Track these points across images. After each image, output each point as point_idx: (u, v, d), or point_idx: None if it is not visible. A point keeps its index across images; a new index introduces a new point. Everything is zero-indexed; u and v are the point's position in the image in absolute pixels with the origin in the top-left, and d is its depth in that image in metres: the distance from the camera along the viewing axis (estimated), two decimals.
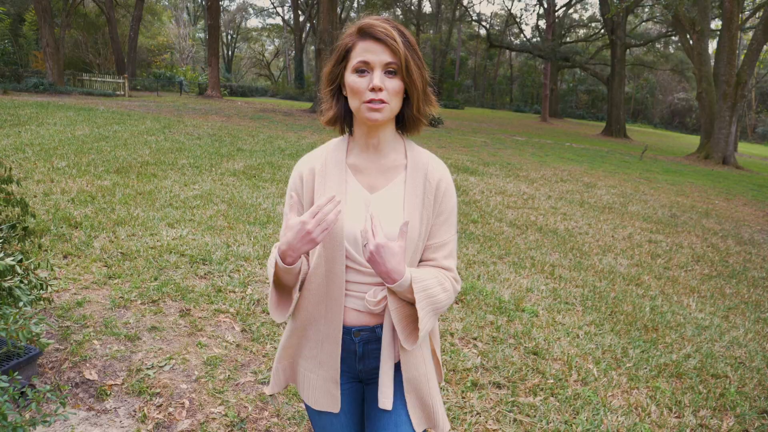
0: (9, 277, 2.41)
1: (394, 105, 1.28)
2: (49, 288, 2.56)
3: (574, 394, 3.13)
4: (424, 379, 1.39)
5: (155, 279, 3.94)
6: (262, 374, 2.90)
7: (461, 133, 20.89)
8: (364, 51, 1.25)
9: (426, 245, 1.36)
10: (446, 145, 16.03)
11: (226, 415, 2.52)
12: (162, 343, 3.09)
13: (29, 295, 2.37)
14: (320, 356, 1.37)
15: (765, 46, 38.02)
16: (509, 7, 56.35)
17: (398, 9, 49.21)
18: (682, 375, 3.57)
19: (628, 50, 39.56)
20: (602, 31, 40.55)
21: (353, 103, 1.29)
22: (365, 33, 1.26)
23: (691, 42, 23.82)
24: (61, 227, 4.83)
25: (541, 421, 2.83)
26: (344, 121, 1.38)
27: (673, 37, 39.04)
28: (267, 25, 67.96)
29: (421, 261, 1.37)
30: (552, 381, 3.26)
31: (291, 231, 1.19)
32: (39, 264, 2.58)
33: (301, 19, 47.67)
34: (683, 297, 5.15)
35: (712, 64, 23.86)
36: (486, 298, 4.41)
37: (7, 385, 1.70)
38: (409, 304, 1.30)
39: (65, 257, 4.24)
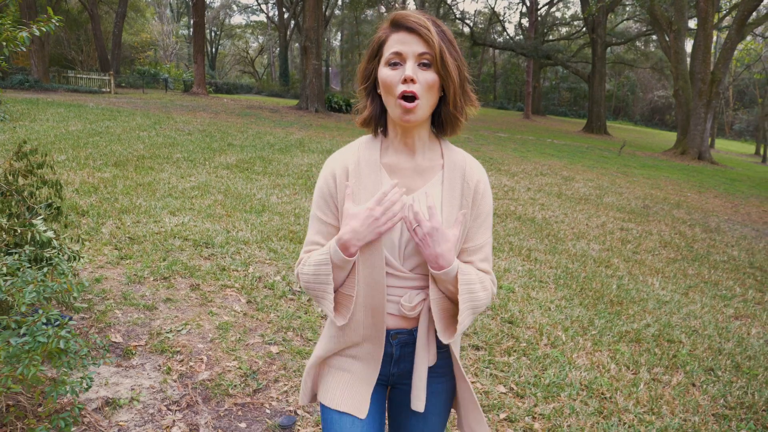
0: (48, 249, 2.76)
1: (428, 101, 1.22)
2: (80, 260, 2.90)
3: (544, 355, 3.55)
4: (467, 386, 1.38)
5: (164, 260, 4.29)
6: (268, 337, 3.28)
7: None
8: (397, 42, 1.20)
9: (462, 248, 1.33)
10: None
11: (239, 368, 2.90)
12: (177, 311, 3.46)
13: (67, 264, 2.72)
14: (360, 354, 1.33)
15: (740, 45, 38.98)
16: (493, 6, 56.94)
17: (383, 6, 49.51)
18: (641, 340, 4.01)
19: (608, 48, 40.33)
20: (584, 29, 41.25)
21: (387, 100, 1.23)
22: (398, 24, 1.22)
23: (668, 40, 24.49)
24: (70, 215, 5.14)
25: (514, 375, 3.24)
26: (379, 121, 1.32)
27: (652, 36, 39.84)
28: (251, 22, 67.86)
29: None
30: (524, 344, 3.67)
31: (356, 219, 1.17)
32: (71, 239, 2.93)
33: (286, 16, 47.81)
34: (648, 277, 5.61)
35: (689, 62, 24.57)
36: None
37: (70, 337, 2.05)
38: (448, 298, 1.28)
39: (77, 241, 4.56)
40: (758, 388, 3.52)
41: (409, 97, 1.19)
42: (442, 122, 1.31)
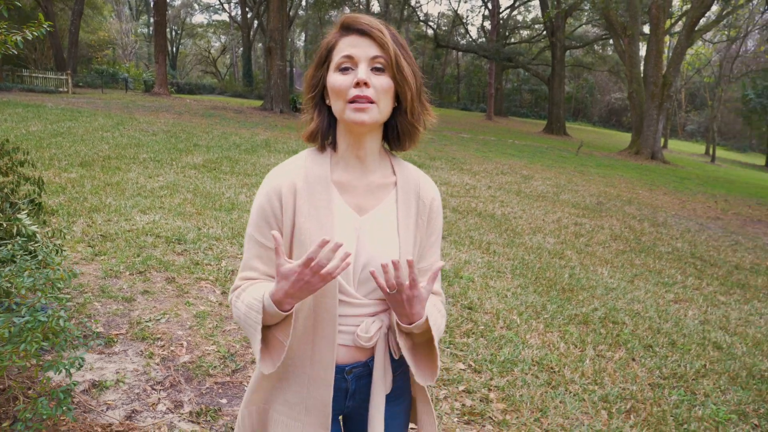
0: (32, 243, 2.91)
1: (383, 106, 1.13)
2: (63, 253, 3.06)
3: (500, 336, 3.86)
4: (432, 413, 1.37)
5: (138, 255, 4.44)
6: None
7: None
8: (348, 46, 1.12)
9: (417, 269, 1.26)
10: None
11: (218, 351, 3.10)
12: (155, 302, 3.63)
13: (52, 258, 2.87)
14: (307, 401, 1.20)
15: (691, 50, 40.55)
16: (456, 8, 57.73)
17: (347, 8, 49.68)
18: (588, 322, 4.36)
19: (568, 52, 41.47)
20: (544, 32, 42.30)
21: (336, 106, 1.14)
22: (348, 27, 1.14)
23: (623, 45, 25.42)
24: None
25: (472, 354, 3.53)
26: (327, 134, 1.22)
27: (609, 40, 41.13)
28: (213, 21, 67.07)
29: None
30: (482, 327, 3.97)
31: (286, 281, 1.02)
32: (53, 233, 3.08)
33: (249, 15, 47.52)
34: (598, 267, 6.00)
35: (642, 66, 25.58)
36: None
37: (72, 326, 2.23)
38: (406, 334, 1.20)
39: (60, 236, 4.66)
40: (690, 360, 3.90)
41: (362, 102, 1.10)
42: (396, 135, 1.22)
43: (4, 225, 2.73)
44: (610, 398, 3.23)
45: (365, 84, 1.08)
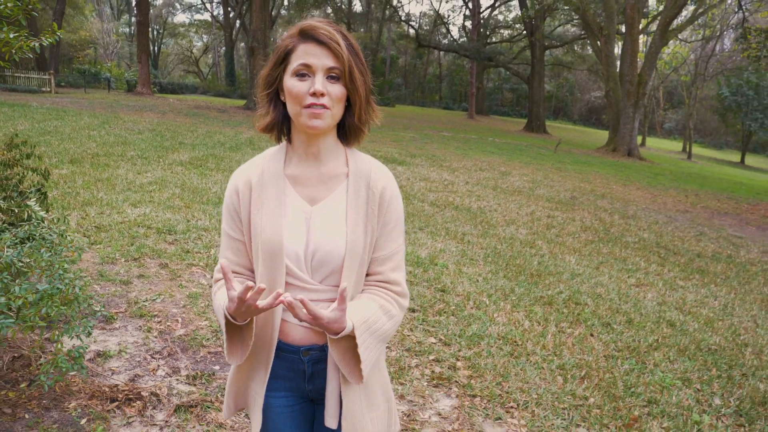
0: (40, 227, 3.18)
1: (336, 111, 1.23)
2: (68, 238, 3.33)
3: (470, 315, 4.20)
4: (365, 399, 1.36)
5: (131, 245, 4.71)
6: None
7: (391, 129, 22.01)
8: (306, 54, 1.19)
9: (372, 257, 1.32)
10: (377, 140, 17.06)
11: (210, 326, 3.40)
12: (150, 285, 3.92)
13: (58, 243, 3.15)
14: (250, 374, 1.37)
15: (669, 49, 41.37)
16: (437, 8, 58.16)
17: (329, 7, 49.87)
18: (553, 303, 4.72)
19: (548, 51, 42.10)
20: (524, 32, 42.88)
21: (292, 109, 1.22)
22: (307, 35, 1.20)
23: (599, 45, 26.00)
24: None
25: (443, 329, 3.87)
26: (282, 128, 1.31)
27: (587, 39, 41.83)
28: (194, 21, 66.78)
29: (367, 275, 1.33)
30: (454, 307, 4.31)
31: (231, 303, 1.13)
32: (57, 220, 3.35)
33: (231, 15, 47.49)
34: (566, 255, 6.38)
35: (619, 65, 26.16)
36: (407, 256, 5.44)
37: (83, 284, 2.51)
38: (344, 339, 1.23)
39: (64, 221, 4.91)
40: (644, 336, 4.28)
41: (318, 108, 1.20)
42: (345, 131, 1.32)
43: (16, 211, 3.00)
44: (567, 367, 3.59)
45: (321, 94, 1.18)
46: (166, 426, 2.45)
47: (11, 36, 2.34)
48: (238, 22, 46.57)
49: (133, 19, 60.28)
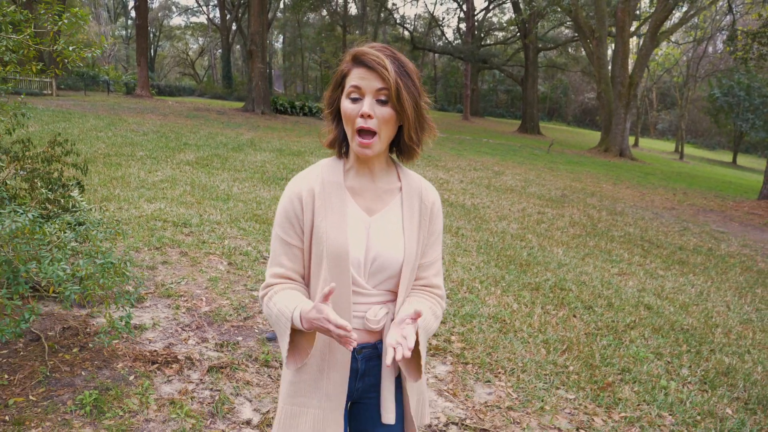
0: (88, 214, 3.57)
1: (385, 134, 1.30)
2: (105, 223, 3.72)
3: (463, 298, 4.61)
4: (420, 396, 1.48)
5: (152, 236, 5.10)
6: (249, 285, 4.20)
7: None
8: (357, 77, 1.28)
9: (418, 264, 1.42)
10: None
11: (231, 304, 3.80)
12: (174, 270, 4.31)
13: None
14: (327, 387, 1.36)
15: (661, 50, 41.88)
16: (432, 11, 58.68)
17: (324, 10, 50.27)
18: (540, 289, 5.14)
19: (541, 53, 42.63)
20: (518, 34, 43.38)
21: (347, 131, 1.32)
22: (359, 60, 1.29)
23: (591, 47, 26.50)
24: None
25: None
26: (342, 144, 1.39)
27: (580, 42, 42.35)
28: (190, 23, 67.06)
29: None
30: (449, 291, 4.72)
31: (316, 313, 1.18)
32: (99, 209, 3.75)
33: (228, 17, 47.85)
34: (554, 247, 6.80)
35: (610, 67, 26.66)
36: None
37: (131, 260, 2.91)
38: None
39: (100, 210, 5.30)
40: (622, 317, 4.69)
41: (366, 132, 1.28)
42: (401, 149, 1.40)
43: (62, 201, 3.39)
44: (551, 341, 4.00)
45: (369, 116, 1.27)
46: (201, 383, 2.85)
47: (70, 48, 2.72)
48: (234, 25, 46.90)
49: (129, 21, 60.62)
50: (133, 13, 55.90)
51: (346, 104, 1.30)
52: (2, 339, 2.24)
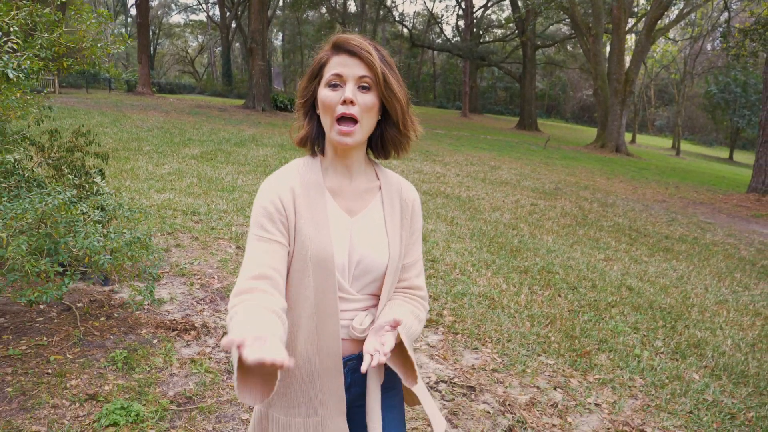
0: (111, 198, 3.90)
1: (366, 123, 1.24)
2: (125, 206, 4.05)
3: (455, 278, 4.94)
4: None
5: (164, 223, 5.43)
6: None
7: None
8: (338, 64, 1.23)
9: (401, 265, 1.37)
10: None
11: None
12: (186, 252, 4.64)
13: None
14: (323, 395, 1.29)
15: (659, 48, 42.12)
16: (431, 8, 58.97)
17: (323, 8, 50.52)
18: (528, 272, 5.47)
19: (540, 50, 42.93)
20: (516, 31, 43.65)
21: (325, 121, 1.25)
22: (340, 47, 1.24)
23: (588, 44, 26.81)
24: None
25: (432, 289, 4.61)
26: (316, 141, 1.33)
27: (577, 39, 42.62)
28: (190, 21, 67.32)
29: None
30: (442, 273, 5.05)
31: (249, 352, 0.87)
32: (120, 194, 4.07)
33: (228, 15, 48.12)
34: (544, 235, 7.13)
35: (607, 64, 26.97)
36: None
37: (154, 246, 3.23)
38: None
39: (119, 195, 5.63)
40: (605, 297, 5.03)
41: (348, 119, 1.21)
42: (382, 145, 1.34)
43: (87, 186, 3.72)
44: (535, 316, 4.33)
45: (351, 102, 1.20)
46: (216, 347, 3.18)
47: (98, 45, 3.05)
48: (234, 22, 47.15)
49: (129, 19, 60.83)
50: (132, 11, 56.21)
51: (325, 92, 1.24)
52: (46, 300, 2.57)
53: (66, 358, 2.84)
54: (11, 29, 2.75)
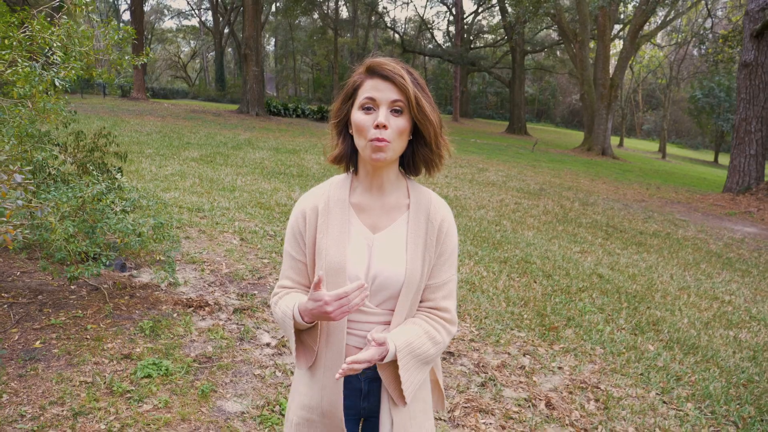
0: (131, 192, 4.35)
1: (397, 145, 1.29)
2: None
3: None
4: (411, 420, 1.42)
5: (171, 218, 5.87)
6: (260, 255, 4.99)
7: None
8: (372, 89, 1.27)
9: (427, 285, 1.38)
10: None
11: (246, 267, 4.60)
12: (195, 244, 5.10)
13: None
14: (322, 405, 1.38)
15: (647, 54, 42.92)
16: (422, 14, 59.64)
17: (316, 14, 51.04)
18: (507, 261, 5.96)
19: (530, 55, 43.66)
20: (506, 37, 44.36)
21: (359, 142, 1.30)
22: (373, 71, 1.29)
23: (574, 50, 27.48)
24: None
25: None
26: (349, 159, 1.38)
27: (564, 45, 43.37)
28: (182, 26, 67.64)
29: (420, 301, 1.39)
30: None
31: (312, 304, 1.22)
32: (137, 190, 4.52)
33: (221, 21, 48.57)
34: (525, 231, 7.63)
35: (593, 69, 27.65)
36: None
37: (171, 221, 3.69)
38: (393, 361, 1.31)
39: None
40: (576, 283, 5.52)
41: (380, 141, 1.25)
42: (414, 164, 1.38)
43: (109, 182, 4.18)
44: (511, 298, 4.82)
45: (384, 127, 1.25)
46: (228, 320, 3.65)
47: (126, 58, 3.51)
48: (227, 28, 47.59)
49: (121, 24, 61.06)
50: (124, 17, 56.46)
51: (358, 115, 1.29)
52: (88, 275, 3.03)
53: (100, 327, 3.29)
54: (54, 44, 3.20)
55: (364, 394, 1.40)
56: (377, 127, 1.25)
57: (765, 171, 13.81)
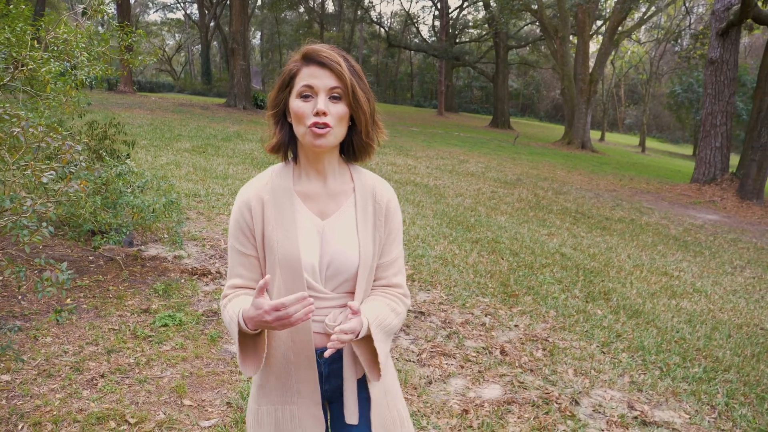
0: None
1: (338, 131, 1.30)
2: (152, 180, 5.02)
3: (417, 246, 6.01)
4: (385, 396, 1.46)
5: (179, 196, 6.39)
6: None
7: None
8: (309, 76, 1.27)
9: (378, 264, 1.41)
10: None
11: None
12: (195, 224, 5.63)
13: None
14: (298, 385, 1.39)
15: (629, 50, 43.74)
16: (407, 8, 60.11)
17: (302, 8, 51.28)
18: (479, 242, 6.56)
19: (515, 51, 44.34)
20: (490, 32, 44.98)
21: (298, 129, 1.30)
22: (310, 58, 1.28)
23: (554, 46, 28.17)
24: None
25: None
26: (288, 147, 1.38)
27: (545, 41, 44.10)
28: (167, 19, 67.41)
29: (374, 280, 1.43)
30: (406, 242, 6.11)
31: (254, 311, 1.19)
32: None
33: (207, 15, 48.64)
34: (498, 216, 8.25)
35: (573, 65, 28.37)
36: None
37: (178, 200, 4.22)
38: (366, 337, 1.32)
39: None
40: (540, 260, 6.13)
41: (321, 127, 1.26)
42: (352, 149, 1.39)
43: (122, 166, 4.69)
44: (480, 271, 5.42)
45: (324, 113, 1.25)
46: None
47: (139, 57, 4.02)
48: (213, 22, 47.67)
49: (106, 17, 60.75)
50: (109, 9, 56.19)
51: (297, 103, 1.29)
52: (113, 243, 3.56)
53: (120, 288, 3.83)
54: (79, 45, 3.70)
55: (325, 376, 1.43)
56: (317, 114, 1.26)
57: (729, 163, 14.56)
